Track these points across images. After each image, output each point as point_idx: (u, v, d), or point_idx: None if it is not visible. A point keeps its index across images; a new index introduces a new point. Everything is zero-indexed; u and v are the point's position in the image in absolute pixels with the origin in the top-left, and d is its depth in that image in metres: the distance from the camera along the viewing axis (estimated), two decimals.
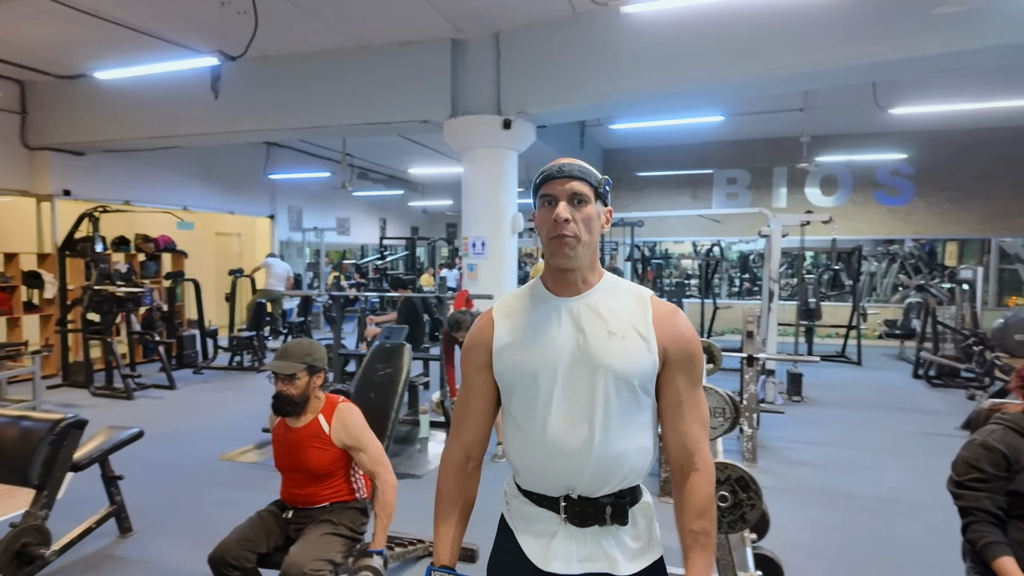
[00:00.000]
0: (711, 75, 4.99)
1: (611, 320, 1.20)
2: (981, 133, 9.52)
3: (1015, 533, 1.78)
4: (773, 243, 6.46)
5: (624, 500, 1.21)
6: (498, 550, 1.31)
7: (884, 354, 9.29)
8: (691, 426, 1.22)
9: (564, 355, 1.19)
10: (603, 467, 1.18)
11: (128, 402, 6.31)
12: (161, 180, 8.93)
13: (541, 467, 1.22)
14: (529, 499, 1.25)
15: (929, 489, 3.88)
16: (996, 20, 4.08)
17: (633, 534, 1.23)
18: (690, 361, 1.22)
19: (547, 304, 1.24)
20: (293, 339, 2.54)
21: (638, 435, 1.21)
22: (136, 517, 3.39)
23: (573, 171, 1.19)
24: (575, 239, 1.17)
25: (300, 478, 2.34)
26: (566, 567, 1.19)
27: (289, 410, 2.29)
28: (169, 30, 5.59)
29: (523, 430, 1.23)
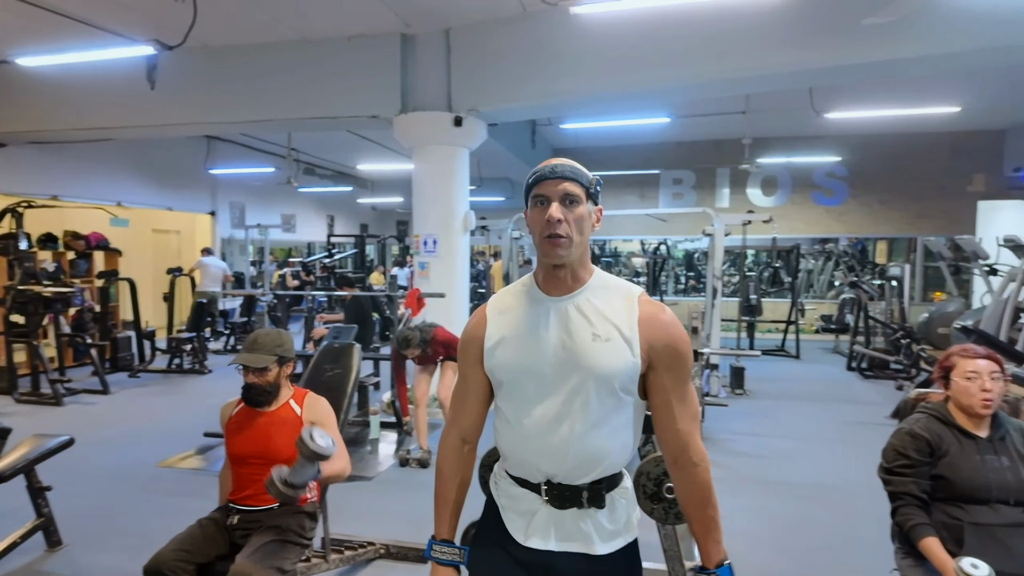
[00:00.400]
0: (656, 77, 5.10)
1: (597, 322, 1.24)
2: (907, 138, 10.07)
3: (938, 515, 1.90)
4: (716, 242, 6.66)
5: (601, 486, 1.28)
6: (484, 528, 1.40)
7: (821, 348, 9.72)
8: (682, 422, 1.27)
9: (550, 355, 1.24)
10: (582, 462, 1.25)
11: (57, 408, 5.97)
12: (93, 174, 8.46)
13: (525, 457, 1.29)
14: (514, 481, 1.33)
15: (861, 475, 4.08)
16: (920, 32, 4.33)
17: (610, 517, 1.29)
18: (677, 359, 1.26)
19: (538, 304, 1.29)
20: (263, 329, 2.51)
21: (617, 433, 1.27)
22: (66, 530, 3.21)
23: (565, 172, 1.23)
24: (567, 239, 1.21)
25: (258, 467, 2.25)
26: (544, 543, 1.27)
27: (261, 400, 2.30)
28: (101, 16, 5.30)
29: (510, 423, 1.30)
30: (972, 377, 1.93)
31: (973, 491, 1.85)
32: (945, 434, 1.95)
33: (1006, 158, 9.75)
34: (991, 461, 1.88)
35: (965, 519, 1.84)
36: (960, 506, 1.86)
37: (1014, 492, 1.84)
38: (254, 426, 2.30)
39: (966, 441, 1.92)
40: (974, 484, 1.85)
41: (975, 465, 1.87)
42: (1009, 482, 1.85)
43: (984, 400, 1.90)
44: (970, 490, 1.86)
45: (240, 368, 2.28)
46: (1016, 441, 1.94)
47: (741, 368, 6.64)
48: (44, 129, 6.72)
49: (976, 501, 1.85)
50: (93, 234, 8.21)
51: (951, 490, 1.88)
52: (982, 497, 1.84)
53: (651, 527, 1.95)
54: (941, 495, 1.91)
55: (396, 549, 3.02)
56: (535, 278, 1.32)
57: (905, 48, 4.40)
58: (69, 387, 6.37)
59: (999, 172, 9.82)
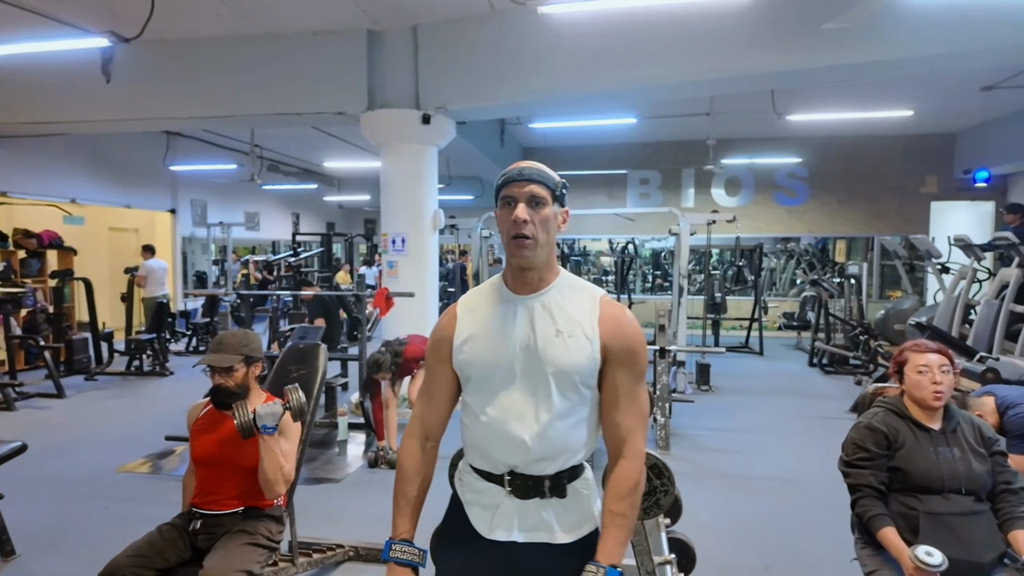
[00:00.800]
0: (623, 78, 5.15)
1: (561, 319, 1.29)
2: (864, 140, 10.39)
3: (895, 505, 1.97)
4: (682, 241, 6.77)
5: (563, 476, 1.31)
6: (448, 523, 1.42)
7: (783, 344, 9.96)
8: (626, 418, 1.31)
9: (516, 351, 1.29)
10: (543, 453, 1.28)
11: (8, 413, 5.74)
12: (45, 169, 8.13)
13: (489, 450, 1.32)
14: (479, 475, 1.35)
15: (821, 468, 4.20)
16: (877, 37, 4.47)
17: (571, 507, 1.33)
18: (632, 358, 1.31)
19: (506, 302, 1.33)
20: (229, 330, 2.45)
21: (578, 426, 1.31)
22: (19, 539, 3.09)
23: (532, 175, 1.28)
24: (533, 240, 1.26)
25: (223, 471, 2.22)
26: (507, 535, 1.31)
27: (230, 402, 2.23)
28: (53, 6, 5.10)
29: (476, 416, 1.33)
30: (923, 371, 2.00)
31: (927, 481, 1.92)
32: (901, 427, 2.01)
33: (956, 160, 10.14)
34: (944, 452, 1.95)
35: (920, 508, 1.90)
36: (915, 496, 1.93)
37: (964, 481, 1.91)
38: (221, 429, 2.25)
39: (920, 434, 1.99)
40: (928, 475, 1.92)
41: (929, 457, 1.94)
42: (960, 472, 1.92)
43: (935, 392, 1.97)
44: (925, 480, 1.92)
45: (207, 371, 2.25)
46: (967, 432, 2.01)
47: (707, 365, 6.76)
48: None
49: (930, 491, 1.92)
50: (46, 232, 7.92)
51: (907, 481, 1.95)
52: (935, 487, 1.91)
53: None
54: (897, 486, 1.97)
55: (365, 551, 3.00)
56: (504, 278, 1.37)
57: (863, 53, 4.54)
58: (21, 391, 6.13)
59: (950, 174, 10.21)
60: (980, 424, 2.07)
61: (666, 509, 1.72)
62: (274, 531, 2.29)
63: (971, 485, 1.91)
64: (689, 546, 2.62)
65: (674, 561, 2.13)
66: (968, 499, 1.91)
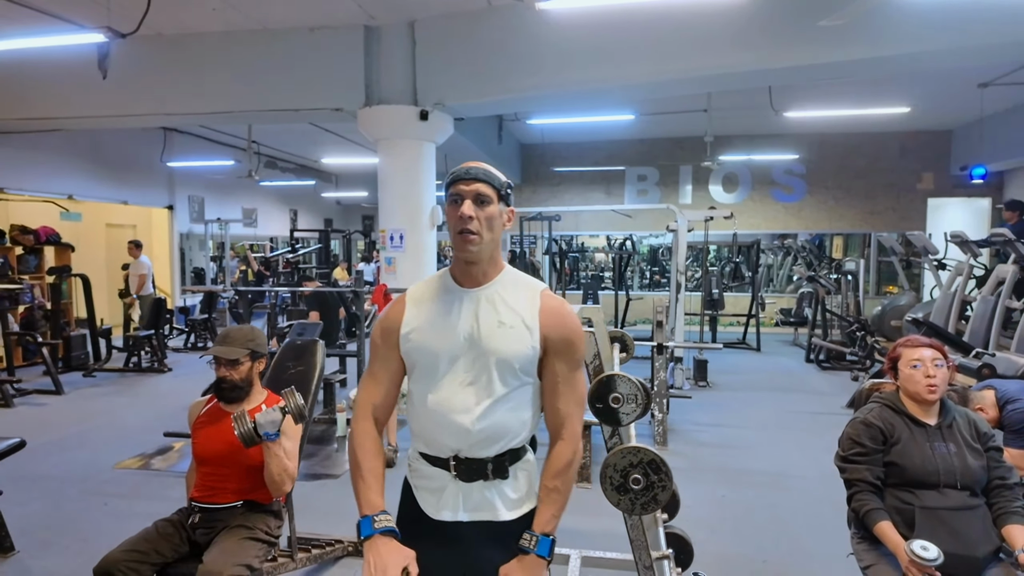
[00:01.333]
0: (621, 74, 5.15)
1: (503, 311, 1.37)
2: (860, 137, 10.40)
3: (891, 499, 1.98)
4: (680, 237, 6.77)
5: (504, 458, 1.38)
6: (400, 508, 1.48)
7: (780, 340, 9.98)
8: (564, 403, 1.40)
9: (460, 340, 1.36)
10: (485, 436, 1.35)
11: (6, 410, 5.73)
12: (42, 166, 8.10)
13: (434, 434, 1.39)
14: (426, 461, 1.42)
15: (818, 463, 4.22)
16: (873, 34, 4.48)
17: (513, 487, 1.41)
18: (570, 348, 1.39)
19: (451, 293, 1.40)
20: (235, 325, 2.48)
21: (518, 410, 1.38)
22: (18, 535, 3.09)
23: (479, 174, 1.35)
24: (477, 236, 1.33)
25: (225, 467, 2.23)
26: (453, 516, 1.38)
27: (234, 395, 2.29)
28: (48, 2, 5.08)
29: (422, 402, 1.39)
30: (917, 365, 2.01)
31: (923, 476, 1.93)
32: (897, 422, 2.02)
33: (953, 157, 10.16)
34: (939, 448, 1.96)
35: (916, 503, 1.92)
36: (911, 491, 1.94)
37: (959, 476, 1.92)
38: (222, 426, 2.25)
39: (916, 429, 2.00)
40: (924, 470, 1.93)
41: (925, 452, 1.95)
42: (955, 467, 1.93)
43: (929, 386, 1.98)
44: (920, 475, 1.93)
45: (213, 364, 2.29)
46: (962, 428, 2.02)
47: (704, 361, 6.78)
48: None
49: (926, 486, 1.93)
50: (42, 228, 7.89)
51: (902, 476, 1.96)
52: (931, 482, 1.92)
53: (618, 517, 1.98)
54: (893, 481, 1.99)
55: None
56: (451, 272, 1.43)
57: (859, 50, 4.55)
58: (19, 388, 6.12)
59: (946, 170, 10.23)
60: (976, 419, 2.08)
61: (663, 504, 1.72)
62: (273, 526, 2.29)
63: (966, 480, 1.92)
64: (687, 541, 2.64)
65: (671, 556, 2.14)
66: (963, 494, 1.92)
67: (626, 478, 1.64)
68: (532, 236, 11.60)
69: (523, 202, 11.46)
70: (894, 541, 1.87)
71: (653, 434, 4.72)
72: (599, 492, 1.73)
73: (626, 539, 2.08)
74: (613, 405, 1.76)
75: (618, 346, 2.77)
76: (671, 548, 2.23)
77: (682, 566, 2.57)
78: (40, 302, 7.48)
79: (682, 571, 2.54)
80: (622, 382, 1.77)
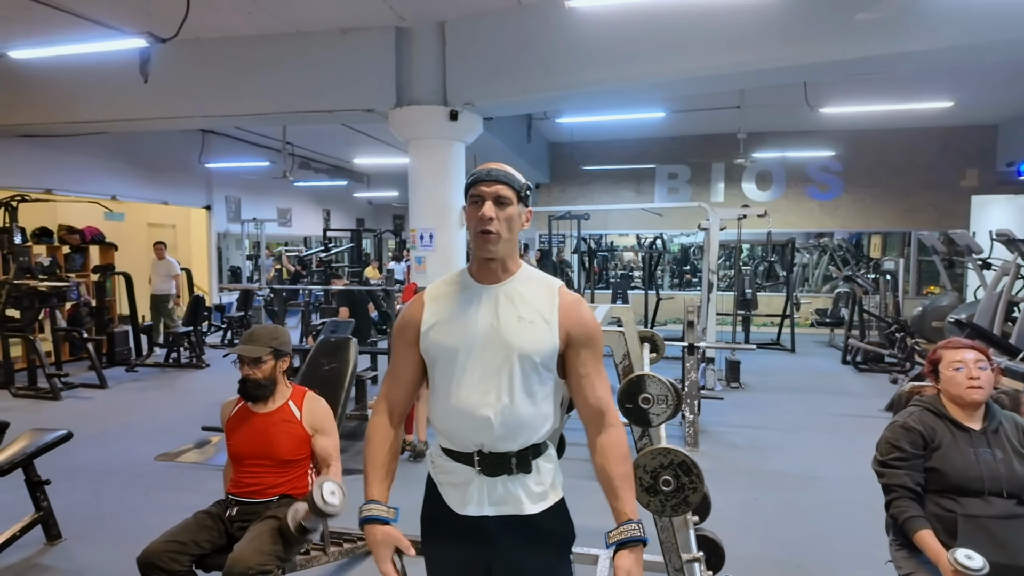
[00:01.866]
0: (652, 71, 5.10)
1: (522, 307, 1.39)
2: (900, 133, 10.11)
3: (932, 506, 1.92)
4: (712, 236, 6.68)
5: (527, 453, 1.40)
6: (425, 504, 1.50)
7: (815, 341, 9.77)
8: (601, 391, 1.42)
9: (480, 335, 1.38)
10: (508, 430, 1.37)
11: (54, 403, 5.97)
12: (86, 168, 8.40)
13: (458, 429, 1.41)
14: (449, 456, 1.44)
15: (854, 467, 4.12)
16: (912, 28, 4.33)
17: (536, 480, 1.42)
18: (592, 341, 1.42)
19: (470, 290, 1.43)
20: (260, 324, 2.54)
21: (539, 404, 1.40)
22: (65, 523, 3.22)
23: (499, 176, 1.37)
24: (497, 236, 1.35)
25: (260, 466, 2.29)
26: (478, 510, 1.39)
27: (258, 394, 2.31)
28: (92, 8, 5.25)
29: (444, 398, 1.41)
30: (959, 368, 1.95)
31: (966, 483, 1.86)
32: (939, 426, 1.96)
33: (999, 153, 9.80)
34: (984, 453, 1.89)
35: (958, 511, 1.85)
36: (953, 498, 1.88)
37: (1006, 484, 1.84)
38: (253, 427, 2.31)
39: (959, 434, 1.93)
40: (967, 476, 1.86)
41: (968, 457, 1.88)
42: (1001, 474, 1.85)
43: (972, 388, 1.91)
44: (963, 482, 1.87)
45: (237, 363, 2.32)
46: (1010, 433, 1.95)
47: (736, 362, 6.68)
48: (37, 123, 6.67)
49: (969, 493, 1.86)
50: (88, 228, 8.18)
51: (944, 482, 1.89)
52: (975, 489, 1.85)
53: (647, 519, 1.97)
54: (934, 487, 1.92)
55: None
56: (469, 269, 1.46)
57: (898, 43, 4.41)
58: (66, 381, 6.37)
59: (992, 167, 9.87)
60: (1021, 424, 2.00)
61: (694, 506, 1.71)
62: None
63: (1013, 488, 1.85)
64: (718, 544, 2.61)
65: (702, 559, 2.12)
66: (1010, 502, 1.84)
67: (656, 479, 1.64)
68: (561, 235, 11.58)
69: (552, 201, 11.43)
70: (935, 550, 1.81)
71: (684, 435, 4.67)
72: None
73: (656, 540, 2.07)
74: (643, 406, 1.75)
75: (648, 346, 2.75)
76: (702, 551, 2.21)
77: (713, 569, 2.54)
78: (86, 299, 7.75)
79: (713, 574, 2.51)
80: (652, 382, 1.76)
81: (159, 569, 2.06)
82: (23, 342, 6.47)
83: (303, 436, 2.34)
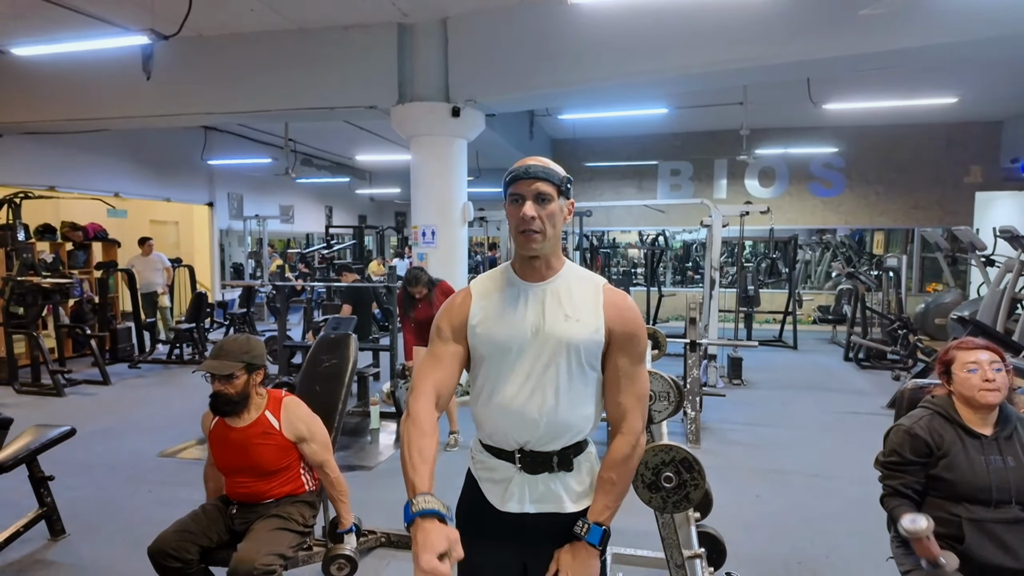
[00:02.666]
0: (654, 68, 5.08)
1: (567, 304, 1.38)
2: (904, 129, 10.07)
3: (938, 512, 1.86)
4: (714, 233, 6.66)
5: (569, 451, 1.40)
6: (464, 499, 1.50)
7: (818, 338, 9.75)
8: (626, 397, 1.40)
9: (527, 332, 1.36)
10: (552, 429, 1.36)
11: (58, 399, 5.99)
12: (89, 165, 8.42)
13: (501, 426, 1.39)
14: (490, 453, 1.44)
15: (856, 464, 4.12)
16: (917, 23, 4.32)
17: (577, 479, 1.42)
18: (632, 341, 1.39)
19: (515, 287, 1.41)
20: (231, 335, 2.47)
21: (583, 404, 1.39)
22: (69, 519, 3.24)
23: (538, 173, 1.34)
24: (540, 234, 1.34)
25: (247, 478, 2.27)
26: (519, 507, 1.39)
27: (228, 410, 2.20)
28: (95, 6, 5.27)
29: (489, 395, 1.39)
30: (973, 368, 1.88)
31: (974, 492, 1.81)
32: (947, 433, 1.89)
33: (1003, 149, 9.76)
34: (994, 461, 1.83)
35: (964, 515, 1.81)
36: (962, 504, 1.83)
37: (1015, 493, 1.79)
38: (233, 443, 2.24)
39: (969, 440, 1.87)
40: (974, 486, 1.81)
41: (977, 466, 1.83)
42: (1010, 482, 1.80)
43: (987, 390, 1.84)
44: (971, 491, 1.82)
45: (207, 377, 2.20)
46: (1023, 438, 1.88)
47: (739, 358, 6.67)
48: (39, 120, 6.69)
49: (977, 502, 1.81)
50: (91, 225, 8.19)
51: (952, 491, 1.85)
52: (983, 499, 1.81)
53: (650, 515, 1.97)
54: (941, 494, 1.88)
55: (396, 537, 3.06)
56: (512, 266, 1.45)
57: (902, 39, 4.39)
58: (69, 378, 6.39)
59: (996, 163, 9.83)
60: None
61: (696, 503, 1.71)
62: (308, 516, 2.35)
63: (1022, 497, 1.79)
64: (719, 540, 2.61)
65: (704, 555, 2.12)
66: (1017, 508, 1.79)
67: (658, 476, 1.63)
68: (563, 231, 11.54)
69: None
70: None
71: (686, 432, 4.67)
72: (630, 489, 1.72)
73: (658, 537, 2.07)
74: None
75: (650, 343, 2.74)
76: (703, 547, 2.21)
77: (714, 566, 2.54)
78: (88, 296, 7.77)
79: (714, 571, 2.51)
80: (654, 379, 1.76)
81: (171, 558, 2.08)
82: (26, 338, 6.50)
83: (285, 445, 2.27)
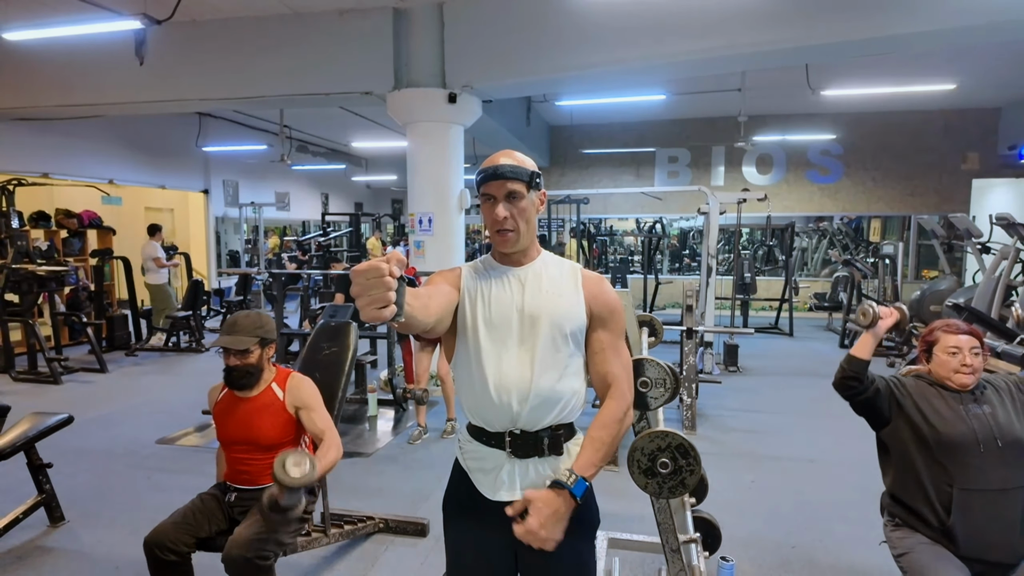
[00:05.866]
0: (652, 53, 5.05)
1: (548, 282, 1.44)
2: (901, 116, 10.04)
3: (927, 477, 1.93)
4: (712, 220, 6.66)
5: (559, 434, 1.43)
6: (452, 489, 1.52)
7: (814, 325, 9.79)
8: (613, 366, 1.44)
9: (512, 309, 1.41)
10: (540, 402, 1.38)
11: (55, 387, 5.99)
12: (83, 151, 8.36)
13: (489, 404, 1.40)
14: (480, 441, 1.45)
15: (849, 449, 4.16)
16: (916, 9, 4.29)
17: (568, 463, 1.41)
18: (612, 316, 1.46)
19: (498, 270, 1.48)
20: (242, 311, 2.47)
21: (570, 378, 1.42)
22: (68, 506, 3.25)
23: (507, 172, 1.37)
24: (514, 232, 1.40)
25: (247, 451, 2.29)
26: (511, 495, 1.39)
27: (244, 383, 2.28)
28: None
29: (475, 372, 1.41)
30: (954, 352, 1.97)
31: (958, 437, 1.87)
32: (928, 391, 2.01)
33: (1000, 136, 9.75)
34: (973, 409, 1.92)
35: (955, 484, 1.85)
36: (947, 469, 1.87)
37: (998, 434, 1.86)
38: (238, 413, 2.29)
39: (948, 395, 1.97)
40: (957, 430, 1.88)
41: (958, 413, 1.92)
42: (990, 426, 1.88)
43: (963, 372, 1.94)
44: (956, 436, 1.88)
45: (220, 352, 2.28)
46: (1000, 388, 1.99)
47: (735, 345, 6.70)
48: (32, 106, 6.62)
49: (963, 448, 1.86)
50: (86, 212, 8.15)
51: (938, 440, 1.90)
52: (969, 442, 1.86)
53: (645, 500, 1.99)
54: (929, 451, 1.92)
55: (394, 523, 3.08)
56: (492, 255, 1.51)
57: (900, 24, 4.37)
58: (66, 366, 6.39)
59: (993, 150, 9.82)
60: (1021, 378, 2.02)
61: (691, 489, 1.72)
62: (306, 502, 2.36)
63: (1007, 437, 1.86)
64: (714, 525, 2.64)
65: (699, 539, 2.14)
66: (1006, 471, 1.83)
67: (654, 462, 1.65)
68: (560, 219, 11.54)
69: (551, 185, 11.39)
70: (865, 340, 2.10)
71: (682, 419, 4.70)
72: (626, 475, 1.74)
73: (653, 522, 2.09)
74: (641, 389, 1.76)
75: (647, 330, 2.75)
76: (699, 532, 2.23)
77: (709, 550, 2.57)
78: (84, 284, 7.74)
79: (709, 555, 2.54)
80: (650, 366, 1.77)
81: (168, 550, 2.09)
82: (22, 326, 6.48)
83: (286, 418, 2.30)
